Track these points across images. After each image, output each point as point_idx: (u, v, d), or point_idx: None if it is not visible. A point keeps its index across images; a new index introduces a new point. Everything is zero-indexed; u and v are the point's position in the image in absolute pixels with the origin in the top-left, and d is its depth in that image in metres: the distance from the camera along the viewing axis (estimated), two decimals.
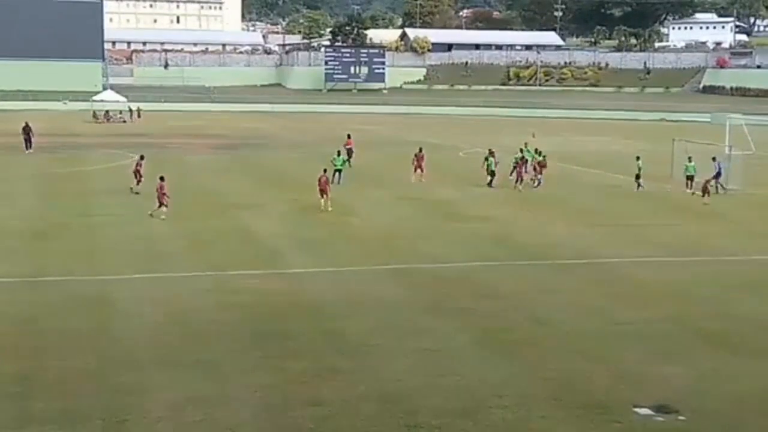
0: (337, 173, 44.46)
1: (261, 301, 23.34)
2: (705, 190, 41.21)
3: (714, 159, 44.98)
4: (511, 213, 38.14)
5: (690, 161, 44.79)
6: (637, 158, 45.29)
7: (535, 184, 44.89)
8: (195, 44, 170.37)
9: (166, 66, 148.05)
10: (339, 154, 45.85)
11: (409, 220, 36.56)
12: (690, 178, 44.32)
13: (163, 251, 29.45)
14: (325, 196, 37.49)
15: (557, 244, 31.79)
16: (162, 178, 35.24)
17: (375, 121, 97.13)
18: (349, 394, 16.76)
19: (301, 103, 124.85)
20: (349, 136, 55.26)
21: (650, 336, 20.80)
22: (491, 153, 46.33)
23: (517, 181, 44.85)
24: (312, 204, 37.94)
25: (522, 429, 15.45)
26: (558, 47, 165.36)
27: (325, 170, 38.68)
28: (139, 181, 40.87)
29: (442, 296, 24.22)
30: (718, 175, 44.26)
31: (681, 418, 15.95)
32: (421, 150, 48.12)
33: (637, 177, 44.64)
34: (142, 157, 42.90)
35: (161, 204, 34.88)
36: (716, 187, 43.81)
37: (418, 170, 46.87)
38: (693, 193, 41.58)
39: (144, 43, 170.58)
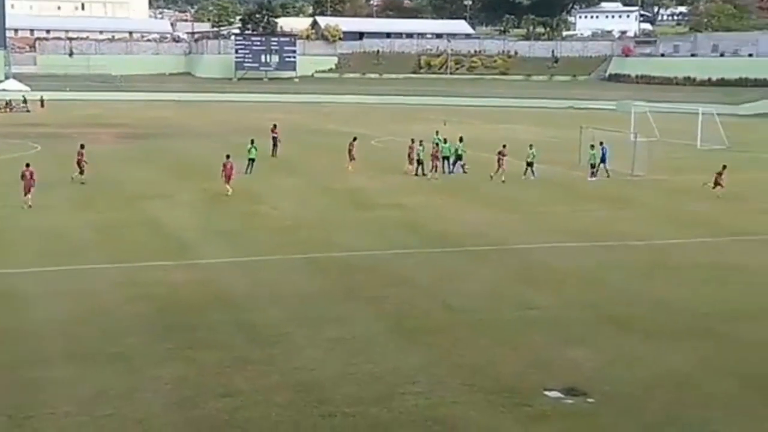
0: (250, 163, 44.23)
1: (171, 293, 23.04)
2: (717, 183, 40.00)
3: (601, 143, 46.08)
4: (425, 201, 38.31)
5: (592, 148, 45.67)
6: (530, 146, 45.87)
7: (503, 179, 44.22)
8: (101, 32, 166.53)
9: (70, 54, 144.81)
10: (252, 143, 45.39)
11: (322, 209, 36.47)
12: (593, 165, 45.22)
13: (72, 243, 28.87)
14: (229, 181, 37.69)
15: (470, 231, 32.03)
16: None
17: (286, 109, 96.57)
18: (263, 384, 16.67)
19: (210, 91, 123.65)
20: (275, 126, 54.90)
21: (561, 321, 21.12)
22: (420, 142, 46.47)
23: (432, 169, 45.01)
24: (222, 193, 37.65)
25: (435, 414, 15.55)
26: (468, 36, 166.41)
27: (228, 156, 38.48)
28: (81, 171, 41.05)
29: (356, 285, 24.23)
30: (603, 159, 45.53)
31: (590, 400, 16.25)
32: (355, 139, 48.03)
33: (530, 164, 45.15)
34: (82, 146, 42.20)
35: (28, 190, 34.52)
36: (599, 171, 45.11)
37: (352, 160, 46.83)
38: (704, 184, 40.40)
39: (48, 31, 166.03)
